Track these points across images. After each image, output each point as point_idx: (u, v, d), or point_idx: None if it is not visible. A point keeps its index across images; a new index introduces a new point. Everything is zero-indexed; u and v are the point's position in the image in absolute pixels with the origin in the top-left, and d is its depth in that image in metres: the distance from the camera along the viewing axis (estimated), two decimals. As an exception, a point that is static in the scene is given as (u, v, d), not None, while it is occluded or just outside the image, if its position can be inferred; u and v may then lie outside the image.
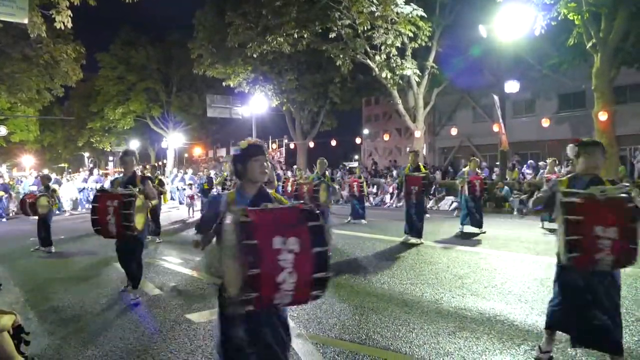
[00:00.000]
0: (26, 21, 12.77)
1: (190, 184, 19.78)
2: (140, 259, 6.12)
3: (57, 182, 19.46)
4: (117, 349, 4.37)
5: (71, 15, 13.79)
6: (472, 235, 10.58)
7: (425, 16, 18.22)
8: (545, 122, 22.47)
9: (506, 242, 9.54)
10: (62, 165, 64.46)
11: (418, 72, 20.46)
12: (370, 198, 21.96)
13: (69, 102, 54.07)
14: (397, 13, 17.73)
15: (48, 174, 12.13)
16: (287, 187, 15.05)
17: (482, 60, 20.88)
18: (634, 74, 18.86)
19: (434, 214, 16.34)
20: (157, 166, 29.05)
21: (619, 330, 3.42)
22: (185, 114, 41.50)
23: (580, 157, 3.60)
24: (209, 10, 27.95)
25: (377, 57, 20.02)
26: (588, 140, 3.67)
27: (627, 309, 5.02)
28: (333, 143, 33.76)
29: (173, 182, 26.38)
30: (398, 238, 10.09)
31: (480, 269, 7.23)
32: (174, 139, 42.67)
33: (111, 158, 64.57)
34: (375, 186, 23.31)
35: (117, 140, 48.13)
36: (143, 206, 5.78)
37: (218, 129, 46.93)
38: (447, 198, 19.42)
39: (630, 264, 3.22)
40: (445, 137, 31.26)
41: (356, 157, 54.29)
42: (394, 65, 19.85)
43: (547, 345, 3.79)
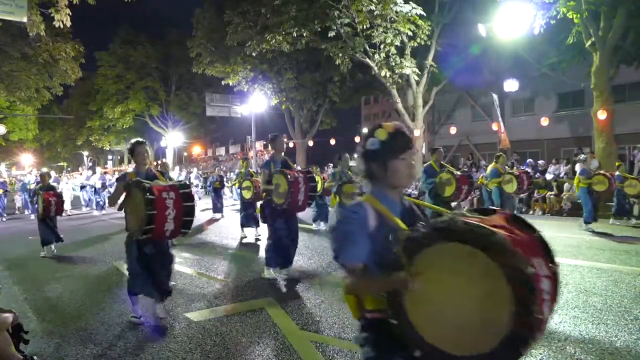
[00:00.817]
0: (25, 20, 12.75)
1: (196, 184, 19.64)
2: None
3: (56, 181, 19.28)
4: (116, 347, 4.37)
5: (70, 13, 13.79)
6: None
7: (425, 15, 18.21)
8: (544, 121, 22.48)
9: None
10: (61, 164, 64.45)
11: (417, 70, 20.45)
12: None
13: (68, 101, 54.04)
14: (396, 12, 17.72)
15: (48, 172, 11.37)
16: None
17: (481, 59, 20.89)
18: (633, 73, 18.87)
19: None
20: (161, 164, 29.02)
21: None
22: (185, 112, 41.49)
23: None
24: (208, 8, 27.95)
25: (376, 56, 20.01)
26: None
27: (626, 307, 5.03)
28: (332, 142, 33.77)
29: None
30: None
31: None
32: (173, 138, 42.67)
33: (110, 157, 64.57)
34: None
35: (116, 139, 48.11)
36: None
37: (217, 128, 46.95)
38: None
39: None
40: (445, 136, 31.25)
41: (355, 155, 54.32)
42: (393, 64, 19.84)
43: None
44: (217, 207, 15.34)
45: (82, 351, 4.30)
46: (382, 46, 19.61)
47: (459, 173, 8.39)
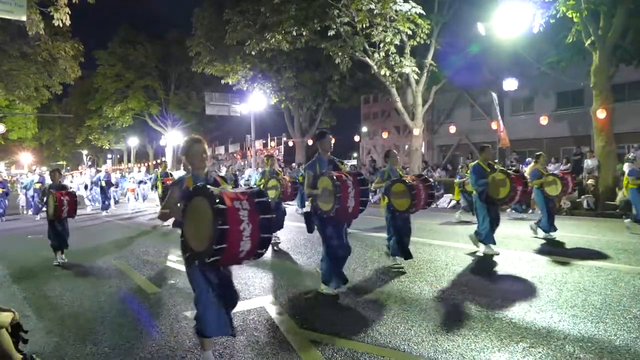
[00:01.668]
0: (24, 18, 12.75)
1: None
2: None
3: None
4: (116, 346, 4.38)
5: (69, 12, 13.80)
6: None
7: (424, 14, 18.22)
8: (543, 120, 22.49)
9: (504, 240, 9.55)
10: (61, 162, 64.39)
11: (417, 69, 20.46)
12: (370, 196, 21.94)
13: (67, 100, 54.06)
14: (396, 11, 17.73)
15: (58, 168, 9.89)
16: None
17: (480, 58, 20.89)
18: (633, 72, 18.86)
19: (432, 212, 16.33)
20: (160, 163, 28.88)
21: None
22: (184, 111, 41.49)
23: None
24: (208, 8, 27.95)
25: (376, 55, 20.01)
26: None
27: (625, 306, 5.04)
28: (331, 141, 33.76)
29: None
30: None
31: (479, 266, 7.24)
32: (172, 137, 42.65)
33: (110, 156, 64.55)
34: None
35: (115, 138, 48.14)
36: None
37: (216, 127, 46.93)
38: (446, 196, 19.45)
39: None
40: (444, 135, 31.26)
41: (355, 154, 54.35)
42: (393, 63, 19.84)
43: None
44: None
45: (81, 350, 4.30)
46: (381, 45, 19.62)
47: (513, 173, 7.65)
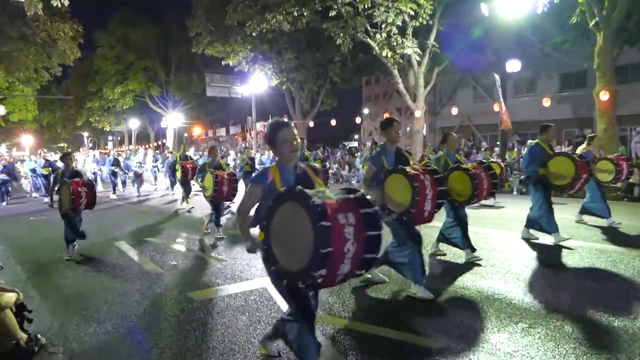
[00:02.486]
0: (22, -1, 12.62)
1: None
2: None
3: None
4: (119, 326, 4.43)
5: (67, -8, 13.63)
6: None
7: (427, -6, 17.99)
8: (546, 102, 22.36)
9: (505, 222, 9.58)
10: (62, 144, 64.37)
11: (419, 51, 20.26)
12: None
13: (68, 82, 53.79)
14: (398, -10, 17.50)
15: (71, 152, 8.48)
16: None
17: (483, 39, 20.68)
18: (637, 53, 18.71)
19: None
20: (160, 145, 28.85)
21: None
22: (185, 93, 41.30)
23: None
24: (208, -13, 27.56)
25: (378, 36, 19.81)
26: None
27: (624, 287, 5.07)
28: (333, 123, 33.65)
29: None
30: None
31: (479, 248, 7.26)
32: (173, 119, 42.53)
33: (110, 138, 64.47)
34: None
35: (116, 119, 48.01)
36: None
37: (217, 109, 46.77)
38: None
39: None
40: (446, 117, 31.14)
41: (356, 136, 54.20)
42: (395, 44, 19.65)
43: None
44: None
45: (85, 329, 4.36)
46: (383, 26, 19.41)
47: (577, 157, 6.88)
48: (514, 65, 20.64)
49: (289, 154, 3.14)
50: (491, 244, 7.47)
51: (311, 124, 32.49)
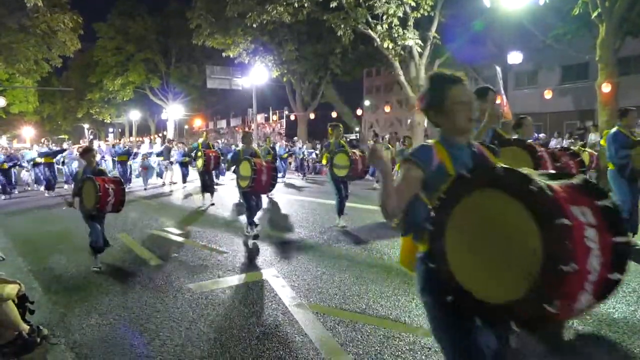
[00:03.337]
0: (22, -11, 12.56)
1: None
2: None
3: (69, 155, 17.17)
4: (120, 317, 4.45)
5: (67, -17, 13.55)
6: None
7: (428, -15, 17.87)
8: (547, 94, 22.31)
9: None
10: (63, 136, 64.35)
11: (420, 42, 20.16)
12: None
13: (68, 73, 53.66)
14: (400, -19, 17.38)
15: (90, 147, 7.41)
16: None
17: (485, 31, 20.58)
18: (639, 45, 18.60)
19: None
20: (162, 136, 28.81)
21: None
22: (185, 85, 41.20)
23: None
24: (208, -22, 27.40)
25: (379, 27, 19.70)
26: None
27: (624, 280, 5.08)
28: (334, 114, 33.59)
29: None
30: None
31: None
32: (173, 111, 42.44)
33: (111, 129, 64.41)
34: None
35: (116, 111, 47.94)
36: None
37: (218, 101, 46.66)
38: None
39: None
40: (447, 109, 31.07)
41: (357, 128, 54.11)
42: (396, 35, 19.55)
43: None
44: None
45: (86, 320, 4.38)
46: (384, 17, 19.30)
47: None
48: (515, 57, 20.58)
49: (464, 123, 2.12)
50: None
51: (312, 115, 32.40)
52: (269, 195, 11.90)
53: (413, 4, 18.44)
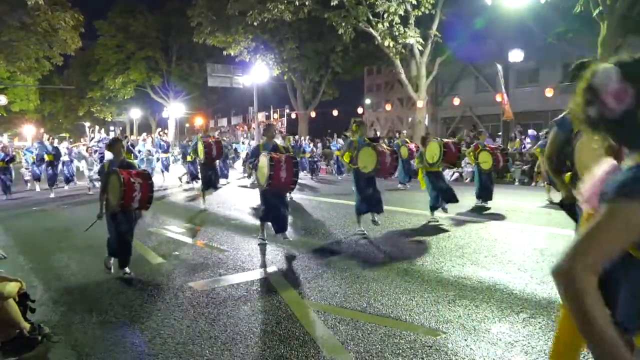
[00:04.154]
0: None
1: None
2: None
3: (70, 152, 16.64)
4: (121, 316, 4.45)
5: (68, -19, 13.53)
6: (476, 207, 10.59)
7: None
8: (548, 92, 22.23)
9: (507, 212, 9.58)
10: (64, 134, 64.37)
11: (421, 40, 20.16)
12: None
13: (69, 71, 53.65)
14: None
15: (119, 137, 6.59)
16: None
17: (486, 29, 20.54)
18: (640, 43, 18.55)
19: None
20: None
21: None
22: (186, 83, 41.21)
23: None
24: (209, -24, 27.39)
25: (380, 26, 19.69)
26: None
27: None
28: (335, 113, 33.57)
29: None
30: (399, 208, 10.14)
31: (481, 238, 7.28)
32: (174, 109, 42.45)
33: (112, 128, 64.32)
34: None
35: (117, 109, 47.95)
36: None
37: (219, 99, 46.67)
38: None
39: None
40: (448, 107, 31.03)
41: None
42: (397, 33, 19.54)
43: None
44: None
45: (88, 318, 4.38)
46: (385, 15, 19.29)
47: None
48: (516, 55, 20.50)
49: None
50: (493, 235, 7.48)
51: (313, 114, 32.41)
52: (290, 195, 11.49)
53: (414, 2, 18.46)
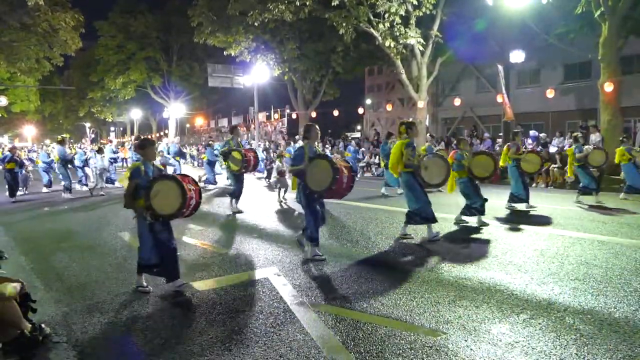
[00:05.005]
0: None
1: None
2: None
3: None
4: (122, 315, 4.46)
5: (68, -18, 13.54)
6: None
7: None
8: (549, 93, 22.22)
9: (507, 213, 9.58)
10: (65, 135, 64.42)
11: (422, 41, 20.15)
12: (372, 168, 22.01)
13: (69, 72, 53.78)
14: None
15: (149, 137, 5.67)
16: None
17: (487, 29, 20.53)
18: (642, 44, 18.56)
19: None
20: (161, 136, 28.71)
21: None
22: (186, 83, 41.23)
23: None
24: (209, -24, 27.38)
25: (381, 26, 19.69)
26: None
27: (626, 279, 5.07)
28: (335, 113, 33.57)
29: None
30: (398, 208, 10.13)
31: (481, 239, 7.28)
32: (175, 109, 42.48)
33: (112, 128, 64.44)
34: (377, 157, 23.27)
35: (118, 110, 48.00)
36: None
37: (219, 99, 46.69)
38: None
39: None
40: (449, 108, 31.01)
41: (358, 127, 54.09)
42: (398, 33, 19.53)
43: None
44: None
45: (89, 319, 4.38)
46: (386, 15, 19.29)
47: None
48: (517, 56, 20.49)
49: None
50: (493, 235, 7.48)
51: (313, 114, 32.40)
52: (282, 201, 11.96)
53: (415, 2, 18.45)
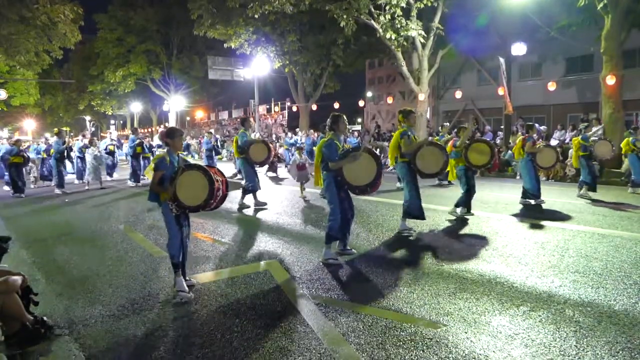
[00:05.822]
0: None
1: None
2: None
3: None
4: (123, 308, 4.47)
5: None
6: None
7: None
8: (551, 86, 22.14)
9: (508, 206, 9.58)
10: (65, 128, 64.30)
11: (423, 33, 20.06)
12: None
13: (69, 65, 53.62)
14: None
15: (175, 127, 5.48)
16: None
17: (488, 22, 20.43)
18: (644, 37, 18.45)
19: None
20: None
21: None
22: (187, 76, 41.09)
23: None
24: (209, -32, 27.22)
25: (382, 18, 19.60)
26: None
27: (625, 272, 5.08)
28: (336, 106, 33.48)
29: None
30: (400, 201, 10.13)
31: (482, 231, 7.29)
32: (175, 102, 42.36)
33: (112, 121, 64.36)
34: (378, 149, 23.23)
35: (118, 103, 47.91)
36: None
37: (220, 92, 46.56)
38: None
39: None
40: (450, 101, 30.92)
41: (359, 120, 54.01)
42: (399, 26, 19.45)
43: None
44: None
45: (90, 312, 4.40)
46: (387, 7, 19.20)
47: None
48: (519, 49, 20.40)
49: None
50: (493, 228, 7.49)
51: (314, 107, 32.32)
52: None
53: (416, -6, 18.33)
